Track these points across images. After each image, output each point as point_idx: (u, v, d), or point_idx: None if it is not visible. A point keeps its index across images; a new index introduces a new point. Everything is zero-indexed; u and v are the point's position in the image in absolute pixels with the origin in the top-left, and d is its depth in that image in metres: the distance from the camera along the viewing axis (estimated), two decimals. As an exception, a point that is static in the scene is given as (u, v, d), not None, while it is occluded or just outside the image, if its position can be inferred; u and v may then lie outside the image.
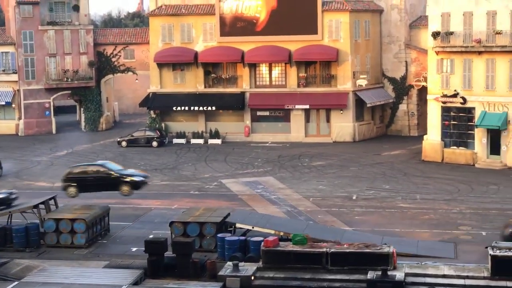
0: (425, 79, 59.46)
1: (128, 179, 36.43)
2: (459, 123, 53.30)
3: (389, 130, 66.85)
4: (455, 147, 53.45)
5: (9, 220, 35.62)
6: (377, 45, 66.04)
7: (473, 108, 52.26)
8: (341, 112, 62.72)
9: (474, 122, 51.95)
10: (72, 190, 36.71)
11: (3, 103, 69.51)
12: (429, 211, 40.08)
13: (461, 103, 52.61)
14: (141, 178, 37.22)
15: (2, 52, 69.97)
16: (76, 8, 70.71)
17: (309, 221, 37.76)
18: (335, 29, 62.57)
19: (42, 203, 35.98)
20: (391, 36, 66.07)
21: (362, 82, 63.02)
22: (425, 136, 55.55)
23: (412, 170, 51.00)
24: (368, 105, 63.53)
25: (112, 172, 36.87)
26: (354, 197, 43.61)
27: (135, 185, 36.87)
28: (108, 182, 36.61)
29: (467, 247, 33.40)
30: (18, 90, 69.35)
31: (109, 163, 38.25)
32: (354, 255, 26.90)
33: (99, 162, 38.45)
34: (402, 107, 66.05)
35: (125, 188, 36.12)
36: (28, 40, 68.92)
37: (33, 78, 69.46)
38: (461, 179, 47.59)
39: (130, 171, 38.18)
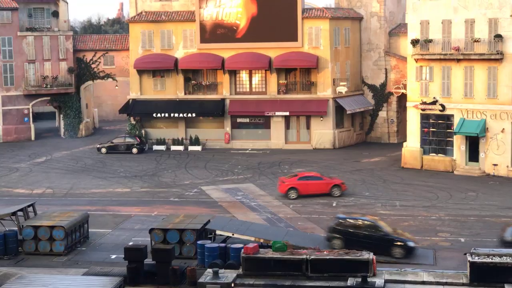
0: (405, 87, 59.81)
1: (400, 243, 32.99)
2: (438, 130, 53.63)
3: (369, 137, 67.10)
4: (434, 154, 53.76)
5: (-13, 228, 35.34)
6: (357, 53, 66.32)
7: (452, 115, 52.62)
8: (321, 119, 62.88)
9: (453, 129, 52.29)
10: (338, 242, 33.53)
11: (-19, 109, 69.06)
12: (409, 217, 40.26)
13: (440, 110, 52.96)
14: (413, 244, 33.36)
15: (-20, 58, 69.53)
16: (56, 14, 70.41)
17: (289, 228, 37.81)
18: (315, 36, 62.77)
19: (20, 210, 35.73)
20: (370, 44, 66.41)
21: (342, 89, 63.21)
22: (404, 143, 55.82)
23: (391, 177, 51.19)
24: (348, 112, 63.74)
25: (385, 233, 33.44)
26: (334, 204, 43.69)
27: (409, 250, 33.09)
28: (379, 243, 32.91)
29: (446, 254, 33.59)
30: (-4, 96, 68.91)
31: (378, 222, 34.55)
32: (334, 261, 26.96)
33: (369, 219, 34.42)
34: (382, 114, 66.33)
35: (398, 251, 32.79)
36: (6, 46, 68.50)
37: (12, 84, 69.02)
38: (440, 186, 47.84)
39: (397, 235, 33.93)
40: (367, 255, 27.05)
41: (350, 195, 45.81)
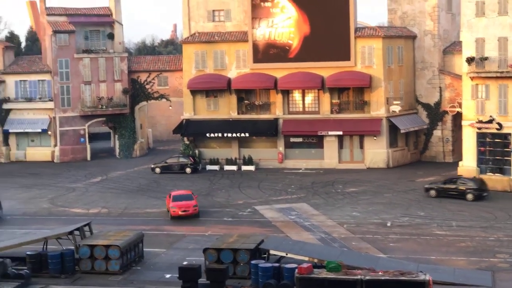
0: (460, 105, 59.04)
1: None
2: (495, 149, 52.71)
3: (424, 156, 66.31)
4: (491, 174, 52.81)
5: (45, 246, 35.86)
6: (410, 71, 65.78)
7: (509, 134, 51.69)
8: (375, 138, 62.44)
9: (511, 148, 51.36)
10: None
11: (40, 130, 70.42)
12: (466, 238, 39.54)
13: (496, 129, 52.10)
14: None
15: (38, 80, 71.03)
16: (111, 36, 71.61)
17: (343, 248, 37.52)
18: (368, 55, 62.50)
19: (77, 229, 36.20)
20: (424, 62, 65.80)
21: (396, 108, 62.73)
22: (460, 162, 55.01)
23: (447, 197, 50.41)
24: (402, 131, 63.17)
25: None
26: (388, 224, 43.22)
27: None
28: None
29: (505, 276, 32.87)
30: (54, 117, 70.22)
31: None
32: (390, 282, 26.61)
33: None
34: (437, 133, 65.53)
35: None
36: (64, 68, 69.89)
37: (68, 106, 70.34)
38: (498, 206, 46.93)
39: None
40: (423, 276, 26.63)
41: (404, 215, 45.26)
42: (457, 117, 62.03)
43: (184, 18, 67.83)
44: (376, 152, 62.56)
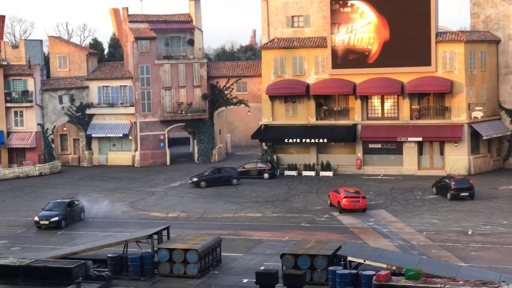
0: (545, 111, 57.38)
1: None
2: None
3: (507, 163, 64.72)
4: None
5: (125, 249, 36.50)
6: (493, 76, 64.32)
7: None
8: (456, 144, 61.29)
9: None
10: None
11: (121, 135, 71.94)
12: (551, 248, 38.36)
13: None
14: None
15: (120, 86, 72.57)
16: (191, 42, 72.55)
17: (422, 255, 36.90)
18: (449, 60, 61.42)
19: (156, 233, 36.69)
20: (508, 67, 64.26)
21: (478, 114, 61.44)
22: (545, 170, 53.49)
23: (531, 205, 49.06)
24: (484, 138, 61.80)
25: None
26: (469, 232, 42.29)
27: None
28: None
29: None
30: (134, 122, 71.56)
31: None
32: (471, 292, 26.01)
33: None
34: (521, 139, 63.98)
35: None
36: (145, 74, 71.18)
37: (149, 111, 71.55)
38: None
39: None
40: (506, 286, 25.95)
41: (486, 223, 44.22)
42: (542, 124, 60.38)
43: (263, 24, 68.15)
44: (457, 159, 61.38)
